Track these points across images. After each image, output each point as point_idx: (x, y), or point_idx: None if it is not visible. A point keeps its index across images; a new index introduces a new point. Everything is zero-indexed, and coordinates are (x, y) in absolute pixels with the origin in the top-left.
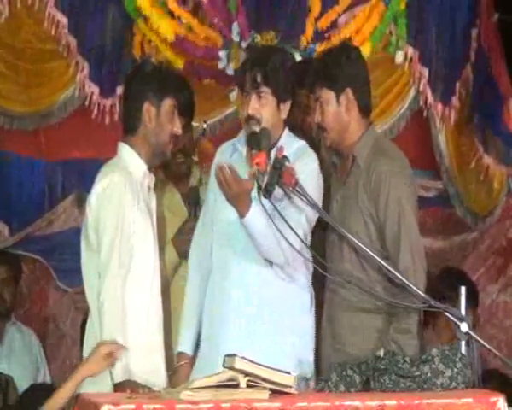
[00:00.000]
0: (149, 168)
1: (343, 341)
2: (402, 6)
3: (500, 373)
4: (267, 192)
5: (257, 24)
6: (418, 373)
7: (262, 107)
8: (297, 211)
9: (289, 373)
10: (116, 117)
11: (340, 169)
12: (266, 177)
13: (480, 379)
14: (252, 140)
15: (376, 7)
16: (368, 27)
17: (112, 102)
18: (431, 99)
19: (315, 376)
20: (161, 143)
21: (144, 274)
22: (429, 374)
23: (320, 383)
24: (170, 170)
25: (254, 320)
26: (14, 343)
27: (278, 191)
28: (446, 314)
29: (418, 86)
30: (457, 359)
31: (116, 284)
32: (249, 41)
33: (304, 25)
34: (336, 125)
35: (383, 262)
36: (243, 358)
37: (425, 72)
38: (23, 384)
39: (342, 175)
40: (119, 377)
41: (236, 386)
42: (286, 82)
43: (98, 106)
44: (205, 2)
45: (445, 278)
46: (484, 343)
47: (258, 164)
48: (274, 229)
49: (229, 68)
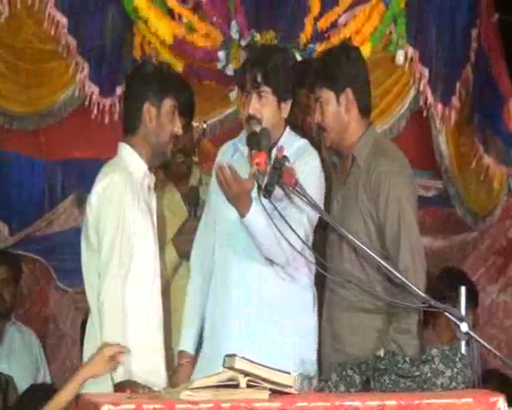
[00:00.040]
0: (149, 168)
1: (343, 341)
2: (402, 6)
3: (500, 373)
4: (267, 192)
5: (257, 23)
6: (418, 373)
7: (263, 106)
8: (298, 211)
9: (289, 373)
10: (116, 117)
11: (340, 169)
12: (266, 177)
13: (480, 379)
14: (252, 140)
15: (376, 7)
16: (368, 27)
17: (111, 102)
18: (431, 99)
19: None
20: (161, 144)
21: (144, 274)
22: (429, 374)
23: (320, 383)
24: (170, 170)
25: (254, 320)
26: (14, 343)
27: (278, 191)
28: (446, 314)
29: (418, 86)
30: (457, 359)
31: (116, 284)
32: (248, 39)
33: (303, 25)
34: (336, 125)
35: (383, 262)
36: (243, 358)
37: (425, 72)
38: (23, 384)
39: (342, 175)
40: (119, 377)
41: (236, 386)
42: (286, 81)
43: (98, 106)
44: (204, 0)
45: (445, 278)
46: (484, 343)
47: (258, 164)
48: (274, 229)
49: (228, 69)
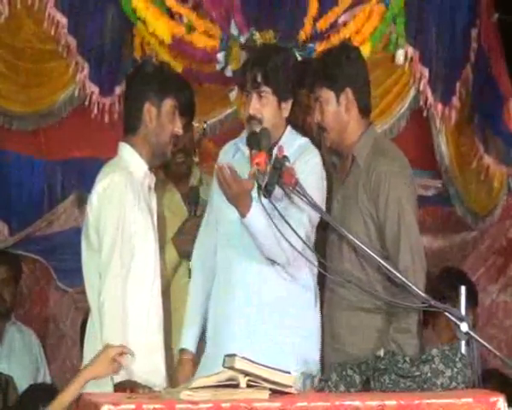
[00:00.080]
0: (150, 168)
1: (342, 341)
2: (401, 5)
3: (500, 373)
4: (267, 192)
5: (256, 23)
6: (418, 373)
7: (263, 106)
8: (298, 211)
9: (289, 373)
10: (115, 116)
11: (340, 169)
12: (266, 177)
13: (480, 379)
14: (251, 140)
15: (376, 7)
16: (368, 27)
17: (111, 101)
18: (431, 99)
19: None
20: (162, 144)
21: (145, 274)
22: (429, 374)
23: (320, 383)
24: (170, 170)
25: (254, 320)
26: (14, 343)
27: (278, 191)
28: (446, 314)
29: (418, 86)
30: (457, 359)
31: (117, 284)
32: (247, 37)
33: (303, 24)
34: (336, 124)
35: (383, 262)
36: (243, 358)
37: (425, 72)
38: (23, 384)
39: (342, 175)
40: (120, 377)
41: (236, 386)
42: (286, 81)
43: (98, 106)
44: None
45: (445, 278)
46: (484, 343)
47: (258, 164)
48: (275, 229)
49: (227, 70)
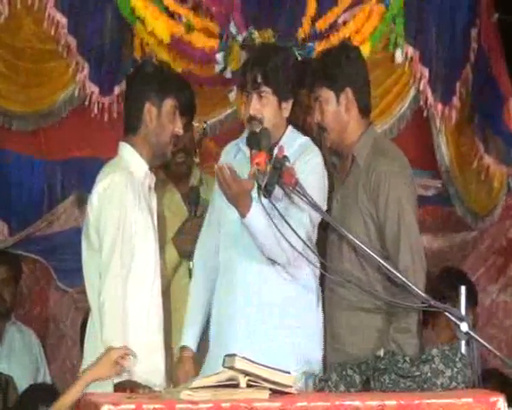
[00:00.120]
0: (150, 168)
1: (342, 340)
2: (401, 5)
3: (500, 373)
4: (267, 192)
5: (255, 21)
6: (418, 373)
7: (263, 107)
8: (299, 211)
9: (289, 373)
10: (115, 116)
11: (340, 169)
12: (266, 177)
13: (480, 379)
14: (252, 140)
15: (376, 7)
16: (368, 27)
17: (111, 101)
18: (431, 99)
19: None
20: (162, 144)
21: (145, 274)
22: (429, 374)
23: (320, 382)
24: (170, 170)
25: (254, 320)
26: (14, 343)
27: (278, 191)
28: (446, 314)
29: (418, 86)
30: (457, 359)
31: (117, 284)
32: (246, 35)
33: (301, 23)
34: (336, 124)
35: (383, 262)
36: (243, 358)
37: (425, 72)
38: (23, 384)
39: (342, 175)
40: (119, 376)
41: (236, 386)
42: (287, 81)
43: (98, 106)
44: None
45: (445, 278)
46: (484, 343)
47: (258, 164)
48: (275, 229)
49: (227, 72)
